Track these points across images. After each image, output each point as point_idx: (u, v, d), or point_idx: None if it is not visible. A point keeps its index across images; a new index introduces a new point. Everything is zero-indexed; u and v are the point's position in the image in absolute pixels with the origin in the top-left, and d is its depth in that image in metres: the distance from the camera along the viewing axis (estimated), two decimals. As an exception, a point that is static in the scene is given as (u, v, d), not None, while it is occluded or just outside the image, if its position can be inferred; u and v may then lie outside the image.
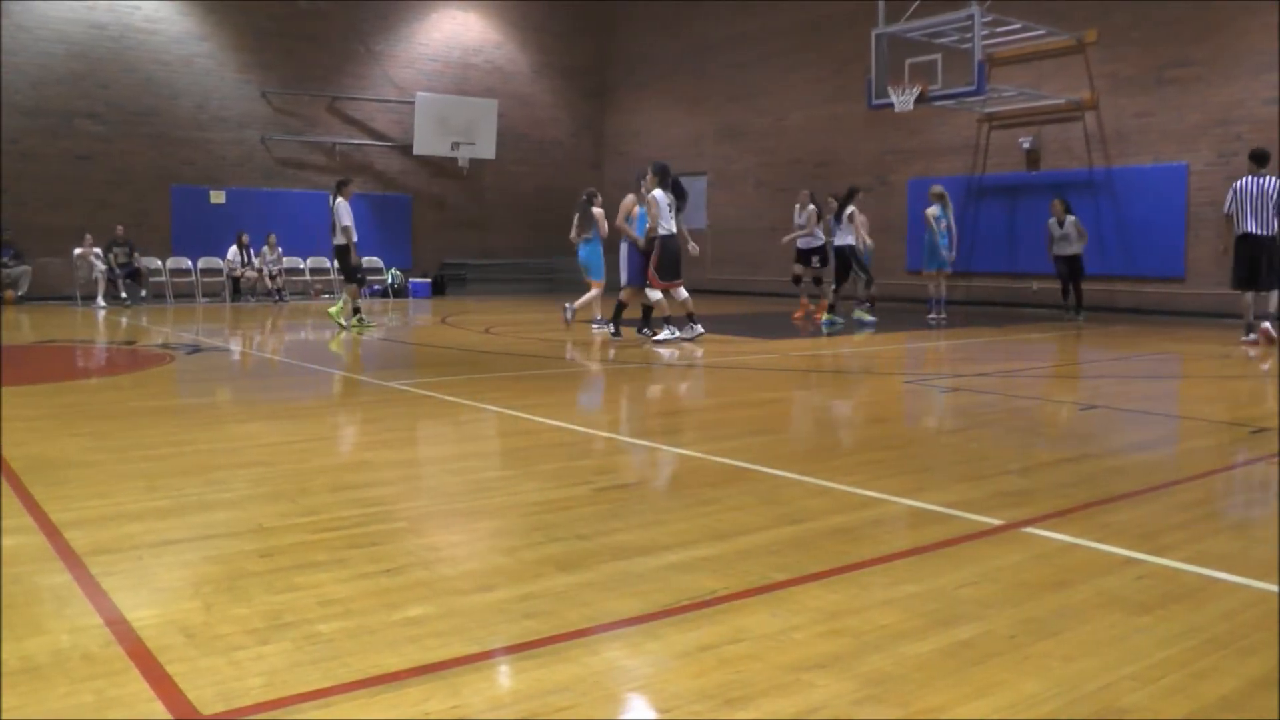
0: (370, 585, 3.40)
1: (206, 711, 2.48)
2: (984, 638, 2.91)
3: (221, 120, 23.18)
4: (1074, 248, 15.76)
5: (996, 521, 4.15)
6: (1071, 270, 15.84)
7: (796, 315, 15.93)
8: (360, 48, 24.84)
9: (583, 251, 14.06)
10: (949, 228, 15.76)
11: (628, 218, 13.07)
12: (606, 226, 13.99)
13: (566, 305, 14.03)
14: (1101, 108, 17.55)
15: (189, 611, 3.18)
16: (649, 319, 12.81)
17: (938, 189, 16.08)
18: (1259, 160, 11.67)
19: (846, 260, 14.72)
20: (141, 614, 3.14)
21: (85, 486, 4.91)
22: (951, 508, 4.34)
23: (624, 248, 13.25)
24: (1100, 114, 17.59)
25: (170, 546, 3.92)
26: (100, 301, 19.72)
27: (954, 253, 15.90)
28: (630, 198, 13.17)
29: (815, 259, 15.89)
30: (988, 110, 19.00)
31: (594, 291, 14.06)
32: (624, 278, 13.25)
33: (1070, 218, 15.79)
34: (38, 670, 2.72)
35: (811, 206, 16.04)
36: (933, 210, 15.70)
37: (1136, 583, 3.42)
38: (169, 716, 2.46)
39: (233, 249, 21.67)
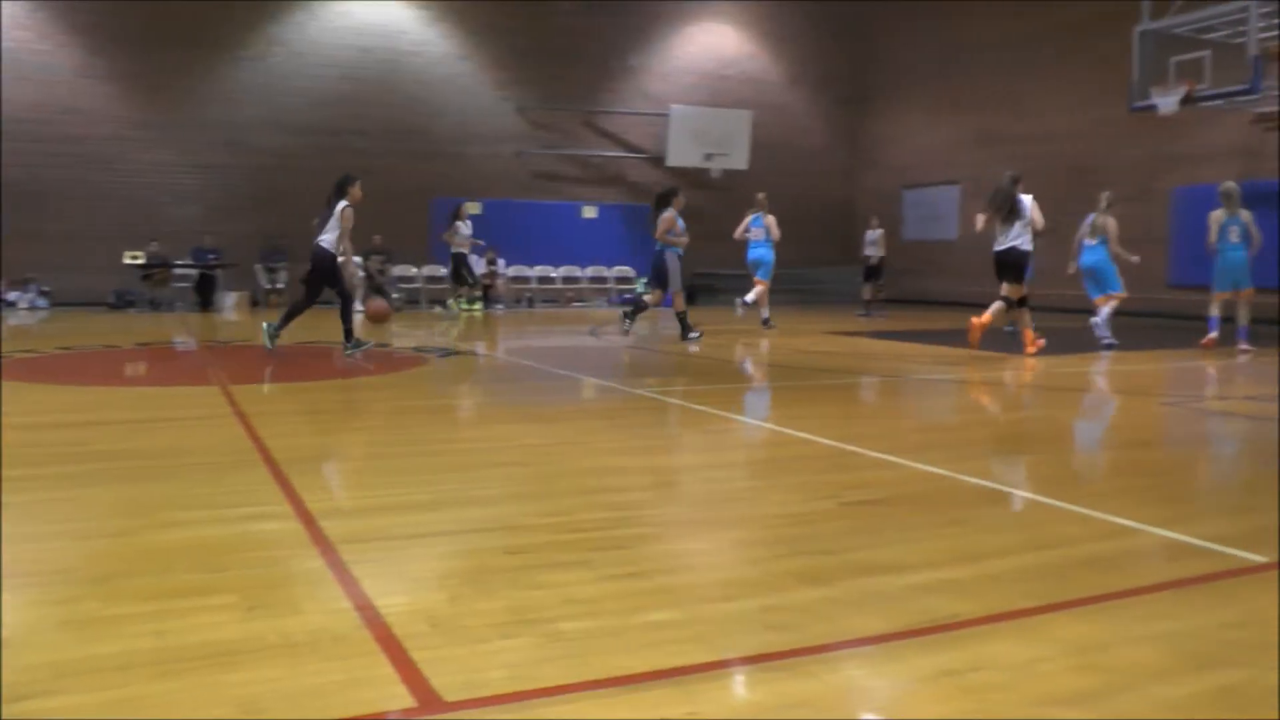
0: (614, 588, 3.47)
1: (449, 698, 2.57)
2: (1247, 685, 2.74)
3: (479, 136, 24.15)
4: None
5: (1262, 559, 3.89)
6: None
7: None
8: (616, 63, 25.41)
9: (756, 252, 16.18)
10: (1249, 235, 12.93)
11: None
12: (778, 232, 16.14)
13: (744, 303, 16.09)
14: (1400, 105, 16.19)
15: (435, 602, 3.32)
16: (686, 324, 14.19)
17: (1225, 185, 13.24)
18: None
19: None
20: (390, 601, 3.29)
21: (340, 479, 5.22)
22: (1212, 541, 4.10)
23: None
24: (1398, 113, 16.23)
25: (419, 539, 4.11)
26: (358, 305, 20.74)
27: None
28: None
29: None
30: (1262, 110, 17.81)
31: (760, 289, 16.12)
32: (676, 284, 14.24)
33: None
34: (294, 648, 2.89)
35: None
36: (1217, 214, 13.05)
37: None
38: (413, 701, 2.57)
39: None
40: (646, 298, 14.46)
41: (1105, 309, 13.24)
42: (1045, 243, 15.22)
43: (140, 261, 20.50)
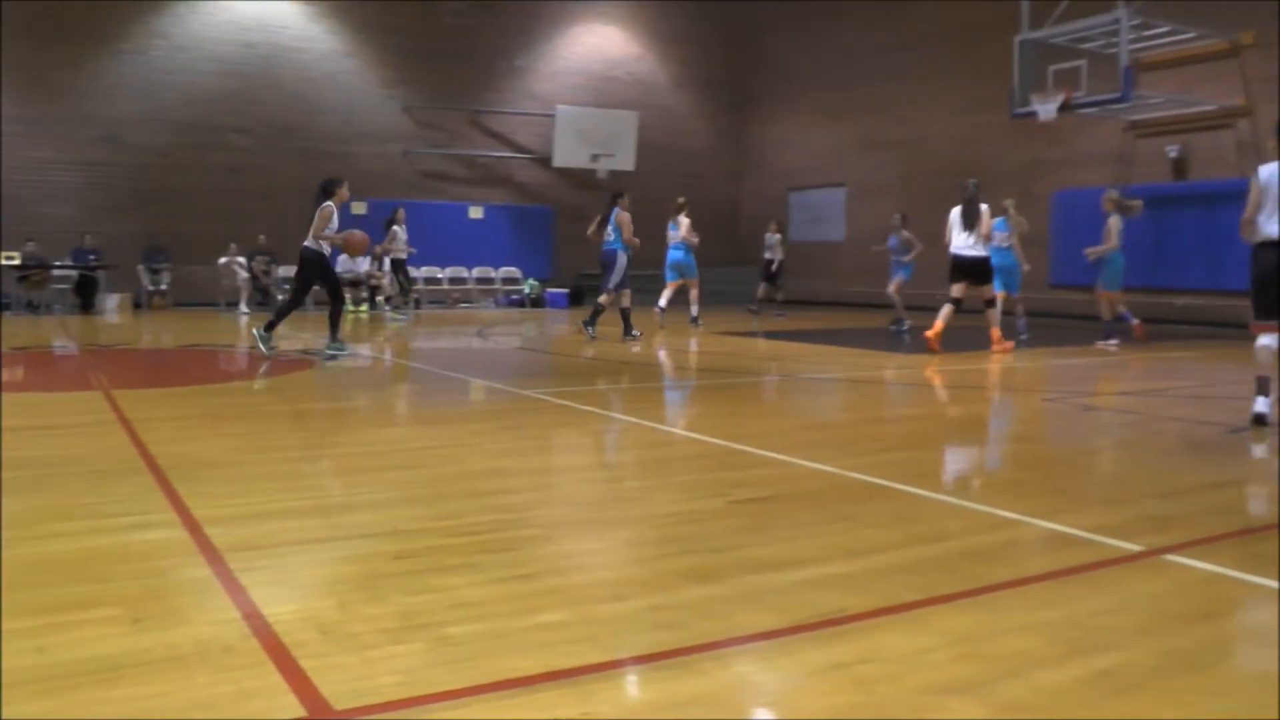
0: (503, 590, 3.46)
1: (339, 707, 2.55)
2: (1125, 668, 2.84)
3: (365, 135, 23.88)
4: None
5: (1137, 547, 4.03)
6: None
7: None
8: (503, 63, 25.31)
9: (671, 255, 16.91)
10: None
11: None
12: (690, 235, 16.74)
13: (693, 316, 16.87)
14: (1257, 114, 16.84)
15: (324, 609, 3.27)
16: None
17: (1114, 194, 13.82)
18: None
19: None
20: (278, 610, 3.24)
21: (227, 485, 5.09)
22: (1090, 531, 4.24)
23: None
24: (1255, 121, 16.88)
25: (307, 546, 4.05)
26: (243, 307, 20.41)
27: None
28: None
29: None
30: (1134, 118, 18.46)
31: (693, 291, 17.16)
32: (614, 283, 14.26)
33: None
34: (182, 660, 2.84)
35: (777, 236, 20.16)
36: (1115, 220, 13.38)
37: (1287, 616, 3.30)
38: (302, 711, 2.53)
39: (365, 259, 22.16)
40: (602, 299, 14.46)
41: (1022, 317, 14.58)
42: (931, 247, 15.55)
43: (16, 263, 19.82)
